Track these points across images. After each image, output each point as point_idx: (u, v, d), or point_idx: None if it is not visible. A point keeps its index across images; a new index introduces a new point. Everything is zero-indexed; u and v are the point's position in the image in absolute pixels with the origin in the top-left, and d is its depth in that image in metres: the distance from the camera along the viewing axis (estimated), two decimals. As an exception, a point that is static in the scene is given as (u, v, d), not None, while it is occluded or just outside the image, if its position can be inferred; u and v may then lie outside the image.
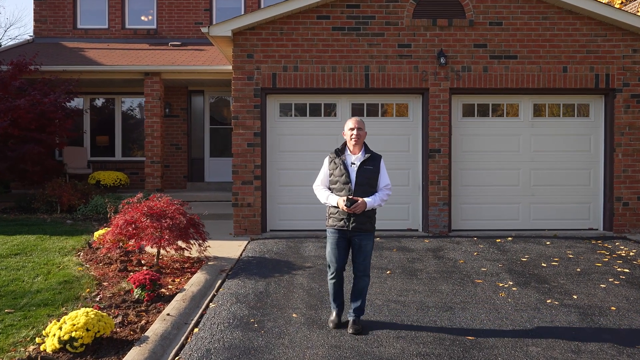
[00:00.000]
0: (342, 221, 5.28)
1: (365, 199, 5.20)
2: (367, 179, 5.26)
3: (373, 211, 5.38)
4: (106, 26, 16.09)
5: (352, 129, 5.34)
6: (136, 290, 6.32)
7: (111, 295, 6.53)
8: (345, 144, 5.46)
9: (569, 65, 9.96)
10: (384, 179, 5.38)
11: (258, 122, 9.89)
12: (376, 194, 5.32)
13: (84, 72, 13.19)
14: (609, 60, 9.94)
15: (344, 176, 5.28)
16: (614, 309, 6.10)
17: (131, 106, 15.68)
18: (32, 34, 16.41)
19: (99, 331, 4.89)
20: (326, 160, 5.52)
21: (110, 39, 15.91)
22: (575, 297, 6.50)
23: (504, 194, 10.24)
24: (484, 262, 8.04)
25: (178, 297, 6.21)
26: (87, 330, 4.81)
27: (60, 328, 4.80)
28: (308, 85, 9.90)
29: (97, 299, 6.43)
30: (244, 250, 8.81)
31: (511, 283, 7.02)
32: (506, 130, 10.26)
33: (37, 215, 11.65)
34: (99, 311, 5.11)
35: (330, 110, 10.26)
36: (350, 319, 5.41)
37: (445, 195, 9.97)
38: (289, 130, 10.17)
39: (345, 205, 5.13)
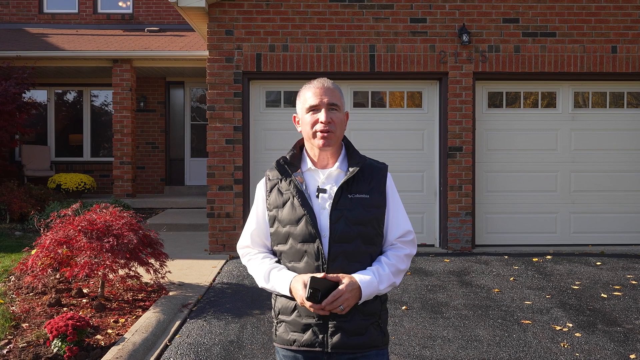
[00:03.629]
0: (310, 332, 2.27)
1: (357, 277, 2.21)
2: (358, 224, 2.28)
3: (381, 300, 2.35)
4: (76, 10, 14.24)
5: (314, 109, 2.34)
6: (54, 341, 4.49)
7: (25, 345, 4.73)
8: (300, 147, 2.47)
9: (619, 45, 8.15)
10: (399, 220, 2.40)
11: (239, 113, 8.07)
12: (381, 258, 2.32)
13: (41, 58, 11.38)
14: (669, 38, 8.16)
15: (302, 222, 2.27)
16: None
17: (105, 100, 13.85)
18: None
19: None
20: (260, 188, 2.45)
21: (81, 25, 14.06)
22: (665, 348, 4.70)
23: (539, 202, 8.41)
24: (525, 291, 6.22)
25: (111, 353, 4.38)
26: None
27: None
28: (300, 69, 8.07)
29: (4, 352, 4.63)
30: (218, 273, 6.99)
31: (571, 325, 5.20)
32: (541, 124, 8.43)
33: (-18, 226, 9.87)
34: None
35: (327, 100, 8.43)
36: None
37: (468, 203, 8.15)
38: (278, 124, 8.33)
39: (307, 297, 2.13)
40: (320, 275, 2.15)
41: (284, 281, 2.24)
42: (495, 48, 8.13)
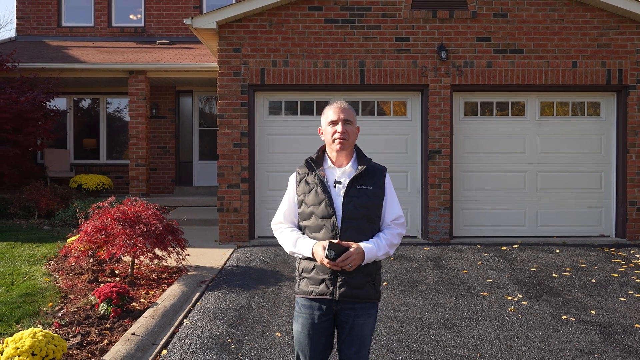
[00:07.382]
0: (323, 284, 3.06)
1: (362, 244, 3.01)
2: (362, 207, 3.08)
3: (377, 265, 3.17)
4: (92, 24, 15.42)
5: (334, 123, 3.17)
6: (102, 305, 5.62)
7: (75, 310, 5.85)
8: (323, 151, 3.29)
9: (579, 60, 9.29)
10: (393, 207, 3.19)
11: (245, 120, 9.21)
12: (380, 234, 3.13)
13: (64, 70, 12.53)
14: (622, 54, 9.28)
15: (323, 204, 3.08)
16: (638, 326, 5.42)
17: (118, 107, 14.99)
18: (15, 33, 15.73)
19: (47, 355, 4.20)
20: (292, 179, 3.27)
21: (96, 37, 15.24)
22: (593, 312, 5.82)
23: (509, 199, 9.55)
24: (489, 272, 7.36)
25: (148, 312, 5.52)
26: (33, 354, 4.11)
27: (2, 352, 4.12)
28: (299, 82, 9.23)
29: (60, 315, 5.75)
30: (228, 258, 8.12)
31: (521, 296, 6.33)
32: (511, 130, 9.58)
33: (13, 221, 10.97)
34: (50, 331, 4.41)
35: (323, 109, 9.56)
36: None
37: (446, 199, 9.29)
38: (279, 129, 9.49)
39: (326, 255, 2.93)
40: (335, 241, 2.95)
41: (307, 246, 3.06)
42: (470, 63, 9.27)
